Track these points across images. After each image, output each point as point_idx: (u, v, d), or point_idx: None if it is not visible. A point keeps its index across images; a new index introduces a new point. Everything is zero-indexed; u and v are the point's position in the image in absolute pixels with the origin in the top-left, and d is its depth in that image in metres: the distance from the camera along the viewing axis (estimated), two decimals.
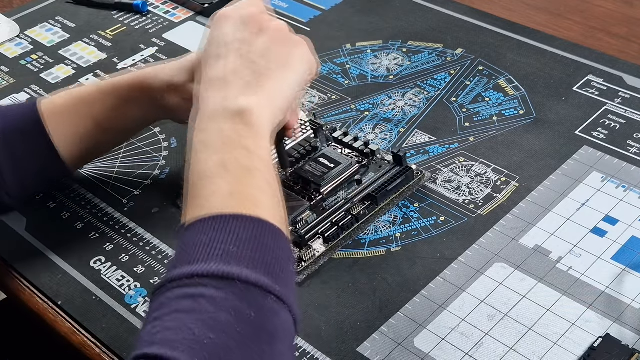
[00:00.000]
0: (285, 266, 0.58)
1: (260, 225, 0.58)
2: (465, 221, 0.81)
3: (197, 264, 0.55)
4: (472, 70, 1.01)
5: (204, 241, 0.56)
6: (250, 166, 0.61)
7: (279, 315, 0.55)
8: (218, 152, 0.62)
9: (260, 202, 0.60)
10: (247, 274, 0.54)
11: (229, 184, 0.60)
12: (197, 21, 1.17)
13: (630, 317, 0.71)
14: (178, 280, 0.55)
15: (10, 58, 1.13)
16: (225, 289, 0.54)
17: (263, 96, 0.66)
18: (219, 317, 0.52)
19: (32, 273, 0.82)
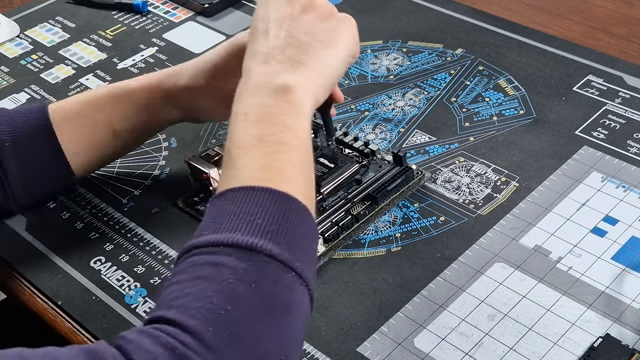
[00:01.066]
0: (308, 244, 0.59)
1: (287, 200, 0.58)
2: (465, 221, 0.81)
3: (223, 232, 0.56)
4: (472, 70, 1.01)
5: (232, 211, 0.57)
6: (285, 142, 0.62)
7: (296, 291, 0.56)
8: (256, 124, 0.62)
9: (291, 178, 0.60)
10: (270, 247, 0.55)
11: (262, 157, 0.61)
12: (197, 21, 1.17)
13: (630, 317, 0.71)
14: (203, 247, 0.56)
15: (10, 58, 1.13)
16: (247, 260, 0.55)
17: (307, 74, 0.66)
18: (238, 289, 0.54)
19: (32, 273, 0.82)
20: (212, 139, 0.95)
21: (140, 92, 0.83)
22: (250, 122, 0.63)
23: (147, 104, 0.83)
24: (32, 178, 0.83)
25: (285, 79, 0.65)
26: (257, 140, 0.61)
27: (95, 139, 0.83)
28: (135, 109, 0.83)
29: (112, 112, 0.83)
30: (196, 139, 0.95)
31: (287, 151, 0.62)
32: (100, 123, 0.83)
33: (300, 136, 0.63)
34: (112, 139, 0.84)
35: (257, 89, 0.65)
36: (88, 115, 0.83)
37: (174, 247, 0.82)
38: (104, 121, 0.83)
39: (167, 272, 0.80)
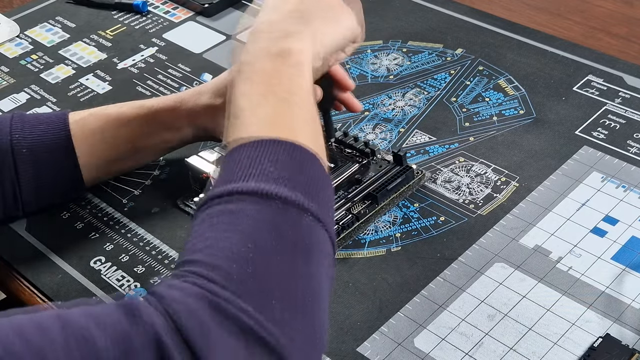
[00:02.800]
0: (322, 188, 0.60)
1: (298, 149, 0.59)
2: (465, 221, 0.81)
3: (237, 182, 0.57)
4: (472, 70, 1.01)
5: (244, 162, 0.58)
6: (289, 98, 0.63)
7: (315, 232, 0.57)
8: (259, 86, 0.63)
9: (299, 130, 0.61)
10: (284, 192, 0.56)
11: (269, 113, 0.61)
12: (197, 21, 1.17)
13: (630, 317, 0.71)
14: (219, 198, 0.57)
15: (10, 58, 1.13)
16: (263, 205, 0.56)
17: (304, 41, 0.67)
18: (257, 232, 0.55)
19: (32, 273, 0.82)
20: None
21: (164, 112, 0.85)
22: (254, 83, 0.63)
23: (171, 123, 0.85)
24: (44, 187, 0.83)
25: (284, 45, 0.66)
26: (261, 98, 0.62)
27: (115, 154, 0.85)
28: (158, 128, 0.85)
29: (135, 130, 0.84)
30: None
31: (292, 106, 0.63)
32: (122, 140, 0.85)
33: (302, 87, 0.64)
34: (132, 155, 0.86)
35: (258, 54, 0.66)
36: (111, 132, 0.84)
37: (174, 247, 0.82)
38: (126, 138, 0.85)
39: (167, 272, 0.80)
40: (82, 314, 0.50)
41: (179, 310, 0.50)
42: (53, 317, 0.50)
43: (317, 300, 0.55)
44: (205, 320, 0.50)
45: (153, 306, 0.51)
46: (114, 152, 0.85)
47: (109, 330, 0.49)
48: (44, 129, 0.83)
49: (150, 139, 0.86)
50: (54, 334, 0.48)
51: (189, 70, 1.07)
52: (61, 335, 0.48)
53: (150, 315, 0.50)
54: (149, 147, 0.87)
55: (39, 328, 0.49)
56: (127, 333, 0.49)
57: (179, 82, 1.05)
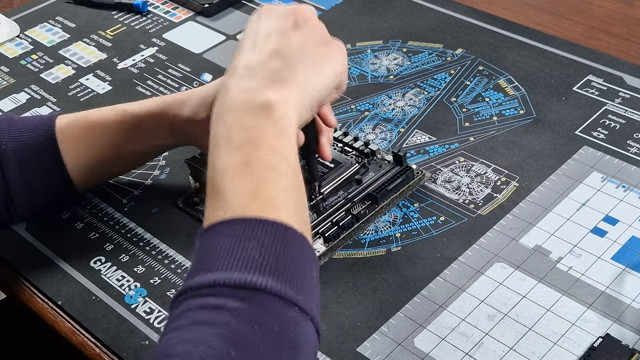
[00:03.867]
0: (309, 275, 0.56)
1: (283, 231, 0.55)
2: (465, 221, 0.81)
3: (219, 271, 0.53)
4: (472, 70, 1.01)
5: (226, 246, 0.54)
6: (274, 166, 0.59)
7: (302, 326, 0.53)
8: (241, 149, 0.59)
9: (284, 204, 0.57)
10: (270, 284, 0.52)
11: (252, 184, 0.57)
12: (197, 21, 1.17)
13: (630, 317, 0.71)
14: (199, 290, 0.53)
15: (10, 58, 1.13)
16: (247, 300, 0.52)
17: (290, 91, 0.63)
18: (241, 331, 0.50)
19: (32, 273, 0.82)
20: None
21: (147, 119, 0.82)
22: (234, 146, 0.59)
23: (154, 130, 0.82)
24: (34, 191, 0.83)
25: (267, 96, 0.61)
26: (243, 166, 0.58)
27: (101, 159, 0.83)
28: (142, 134, 0.82)
29: (119, 136, 0.82)
30: None
31: (276, 176, 0.58)
32: (107, 145, 0.82)
33: (287, 157, 0.60)
34: (118, 160, 0.84)
35: (238, 106, 0.61)
36: (95, 137, 0.82)
37: (174, 247, 0.82)
38: (111, 143, 0.82)
39: (167, 272, 0.80)
40: None
41: None
42: None
43: None
44: None
45: None
46: (100, 157, 0.83)
47: None
48: (31, 133, 0.82)
49: (135, 145, 0.83)
50: None
51: (189, 70, 1.07)
52: None
53: None
54: (134, 153, 0.84)
55: None
56: None
57: (179, 82, 1.05)
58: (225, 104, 0.62)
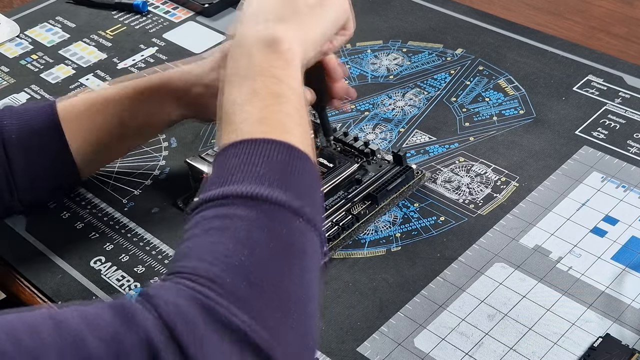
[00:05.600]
0: (313, 190, 0.60)
1: (289, 149, 0.59)
2: (465, 221, 0.81)
3: (230, 185, 0.57)
4: (472, 70, 1.01)
5: (236, 164, 0.58)
6: (279, 93, 0.63)
7: (308, 235, 0.57)
8: (249, 79, 0.63)
9: (289, 128, 0.61)
10: (277, 195, 0.56)
11: (259, 110, 0.61)
12: (197, 21, 1.17)
13: (630, 317, 0.71)
14: (213, 201, 0.57)
15: (10, 58, 1.13)
16: (257, 208, 0.56)
17: (295, 27, 0.67)
18: (252, 235, 0.54)
19: (32, 273, 0.82)
20: (212, 139, 0.95)
21: (150, 92, 0.83)
22: (244, 78, 0.63)
23: (157, 104, 0.83)
24: (38, 176, 0.82)
25: (273, 32, 0.65)
26: (252, 95, 0.62)
27: (105, 137, 0.83)
28: (145, 108, 0.83)
29: (122, 112, 0.83)
30: (196, 139, 0.95)
31: (282, 102, 0.62)
32: (110, 122, 0.83)
33: (292, 86, 0.64)
34: (121, 138, 0.84)
35: (246, 44, 0.66)
36: (98, 115, 0.83)
37: (174, 247, 0.82)
38: (114, 120, 0.83)
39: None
40: (74, 315, 0.50)
41: (171, 312, 0.50)
42: (45, 318, 0.50)
43: (309, 304, 0.55)
44: (198, 323, 0.50)
45: (145, 308, 0.51)
46: (103, 135, 0.83)
47: (100, 331, 0.49)
48: (32, 116, 0.82)
49: (137, 120, 0.83)
50: (46, 335, 0.48)
51: None
52: (52, 335, 0.48)
53: (142, 316, 0.50)
54: (137, 129, 0.84)
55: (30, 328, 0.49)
56: (118, 334, 0.49)
57: None
58: (236, 43, 0.67)
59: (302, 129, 0.63)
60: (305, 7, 0.69)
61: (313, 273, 0.57)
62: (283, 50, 0.65)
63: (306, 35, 0.68)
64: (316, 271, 0.57)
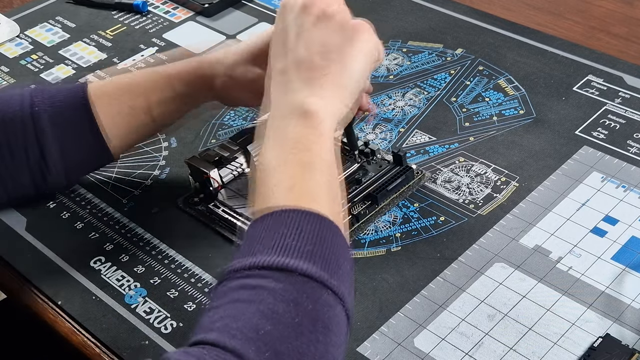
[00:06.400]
0: (342, 263, 0.59)
1: (318, 220, 0.59)
2: (465, 221, 0.81)
3: (258, 255, 0.57)
4: (472, 70, 1.01)
5: (265, 234, 0.58)
6: (309, 163, 0.63)
7: (334, 309, 0.56)
8: (283, 149, 0.64)
9: (319, 197, 0.61)
10: (306, 267, 0.56)
11: (290, 178, 0.62)
12: (197, 21, 1.17)
13: (630, 317, 0.71)
14: (239, 272, 0.56)
15: (10, 58, 1.13)
16: (284, 280, 0.55)
17: (327, 96, 0.67)
18: (277, 308, 0.54)
19: (32, 273, 0.82)
20: (212, 139, 0.95)
21: (180, 79, 0.83)
22: (278, 146, 0.64)
23: (186, 90, 0.83)
24: (70, 157, 0.82)
25: (307, 105, 0.66)
26: (287, 165, 0.63)
27: (133, 122, 0.84)
28: (174, 94, 0.83)
29: (151, 97, 0.83)
30: (196, 139, 0.95)
31: (312, 171, 0.63)
32: (139, 108, 0.83)
33: (324, 158, 0.64)
34: (149, 122, 0.85)
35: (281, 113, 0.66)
36: (127, 100, 0.83)
37: (174, 247, 0.82)
38: (142, 106, 0.83)
39: (167, 272, 0.80)
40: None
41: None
42: None
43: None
44: None
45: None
46: (132, 120, 0.83)
47: None
48: (64, 98, 0.82)
49: (166, 106, 0.84)
50: None
51: None
52: None
53: None
54: (165, 114, 0.85)
55: None
56: None
57: None
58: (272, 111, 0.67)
59: (333, 200, 0.63)
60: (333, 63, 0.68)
61: (337, 350, 0.56)
62: (315, 122, 0.65)
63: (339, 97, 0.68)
64: (341, 347, 0.57)
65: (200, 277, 0.79)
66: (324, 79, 0.67)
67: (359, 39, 0.71)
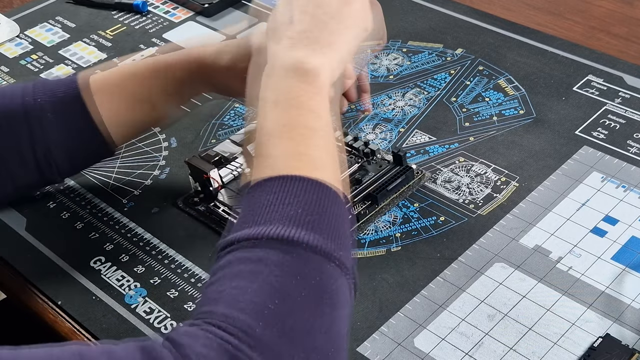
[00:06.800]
0: (346, 232, 0.59)
1: (323, 189, 0.59)
2: (465, 221, 0.81)
3: (262, 225, 0.56)
4: (472, 70, 1.01)
5: (270, 201, 0.57)
6: (315, 127, 0.62)
7: (340, 281, 0.56)
8: (286, 111, 0.63)
9: (323, 164, 0.61)
10: (312, 238, 0.55)
11: (294, 144, 0.61)
12: (197, 21, 1.17)
13: (630, 317, 0.71)
14: (245, 241, 0.56)
15: (10, 58, 1.13)
16: (291, 253, 0.55)
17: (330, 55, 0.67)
18: (284, 281, 0.53)
19: (32, 273, 0.82)
20: (212, 139, 0.95)
21: (181, 68, 0.83)
22: (280, 109, 0.63)
23: (187, 79, 0.83)
24: (73, 148, 0.82)
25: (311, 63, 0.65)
26: (287, 128, 0.62)
27: (135, 111, 0.83)
28: (174, 83, 0.83)
29: (152, 86, 0.83)
30: (196, 139, 0.95)
31: (316, 136, 0.62)
32: (140, 96, 0.83)
33: (325, 119, 0.64)
34: (151, 112, 0.84)
35: (283, 72, 0.65)
36: (128, 89, 0.83)
37: (174, 247, 0.82)
38: (143, 95, 0.83)
39: (167, 272, 0.80)
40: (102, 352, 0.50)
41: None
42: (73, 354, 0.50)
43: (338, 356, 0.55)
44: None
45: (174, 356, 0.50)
46: (133, 109, 0.83)
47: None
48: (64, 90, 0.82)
49: (166, 95, 0.84)
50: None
51: None
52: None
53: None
54: (166, 103, 0.85)
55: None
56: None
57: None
58: (272, 70, 0.66)
59: (335, 164, 0.62)
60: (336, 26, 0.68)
61: (343, 322, 0.56)
62: (318, 82, 0.64)
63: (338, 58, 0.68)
64: (346, 320, 0.57)
65: (200, 277, 0.79)
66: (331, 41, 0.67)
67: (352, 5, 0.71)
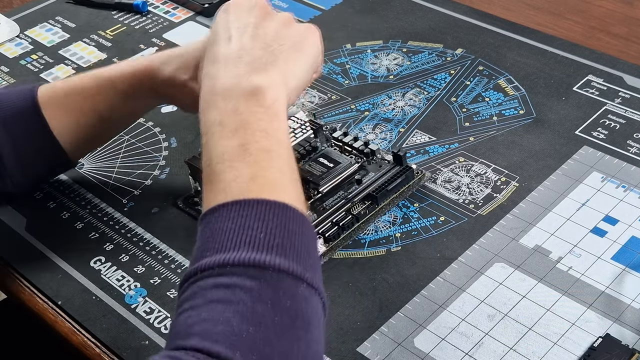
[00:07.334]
0: (312, 251, 0.58)
1: (284, 210, 0.57)
2: (465, 221, 0.81)
3: (228, 252, 0.54)
4: (472, 70, 1.01)
5: (231, 227, 0.56)
6: (269, 148, 0.60)
7: (311, 301, 0.55)
8: (236, 133, 0.61)
9: (282, 185, 0.59)
10: (279, 262, 0.54)
11: (249, 167, 0.59)
12: (197, 21, 1.17)
13: (630, 317, 0.71)
14: (210, 270, 0.54)
15: (10, 58, 1.13)
16: (259, 278, 0.53)
17: (277, 75, 0.65)
18: (256, 308, 0.52)
19: (32, 273, 0.82)
20: None
21: (124, 82, 0.82)
22: (229, 132, 0.61)
23: (131, 93, 0.82)
24: (26, 160, 0.82)
25: (256, 81, 0.63)
26: (240, 151, 0.60)
27: (83, 124, 0.83)
28: (119, 97, 0.82)
29: (97, 101, 0.82)
30: (196, 139, 0.95)
31: (273, 158, 0.60)
32: (86, 110, 0.83)
33: (280, 139, 0.62)
34: (100, 124, 0.84)
35: (228, 92, 0.63)
36: (75, 102, 0.82)
37: (174, 247, 0.82)
38: (90, 108, 0.83)
39: (167, 272, 0.80)
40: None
41: None
42: None
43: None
44: None
45: None
46: (82, 122, 0.83)
47: None
48: (13, 101, 0.81)
49: (113, 109, 0.83)
50: None
51: None
52: None
53: None
54: (114, 117, 0.84)
55: None
56: None
57: None
58: (215, 90, 0.64)
59: (295, 185, 0.61)
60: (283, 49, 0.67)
61: (319, 343, 0.55)
62: (268, 102, 0.63)
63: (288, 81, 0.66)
64: (321, 339, 0.56)
65: None
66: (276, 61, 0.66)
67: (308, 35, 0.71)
